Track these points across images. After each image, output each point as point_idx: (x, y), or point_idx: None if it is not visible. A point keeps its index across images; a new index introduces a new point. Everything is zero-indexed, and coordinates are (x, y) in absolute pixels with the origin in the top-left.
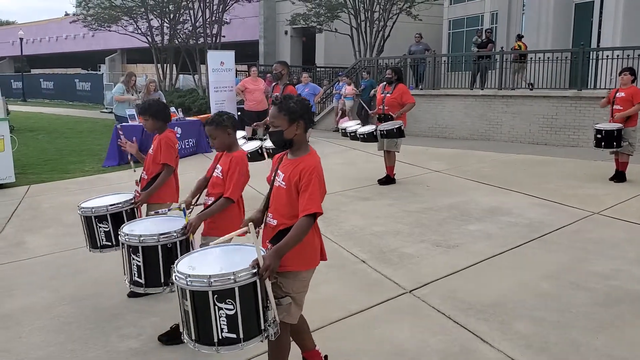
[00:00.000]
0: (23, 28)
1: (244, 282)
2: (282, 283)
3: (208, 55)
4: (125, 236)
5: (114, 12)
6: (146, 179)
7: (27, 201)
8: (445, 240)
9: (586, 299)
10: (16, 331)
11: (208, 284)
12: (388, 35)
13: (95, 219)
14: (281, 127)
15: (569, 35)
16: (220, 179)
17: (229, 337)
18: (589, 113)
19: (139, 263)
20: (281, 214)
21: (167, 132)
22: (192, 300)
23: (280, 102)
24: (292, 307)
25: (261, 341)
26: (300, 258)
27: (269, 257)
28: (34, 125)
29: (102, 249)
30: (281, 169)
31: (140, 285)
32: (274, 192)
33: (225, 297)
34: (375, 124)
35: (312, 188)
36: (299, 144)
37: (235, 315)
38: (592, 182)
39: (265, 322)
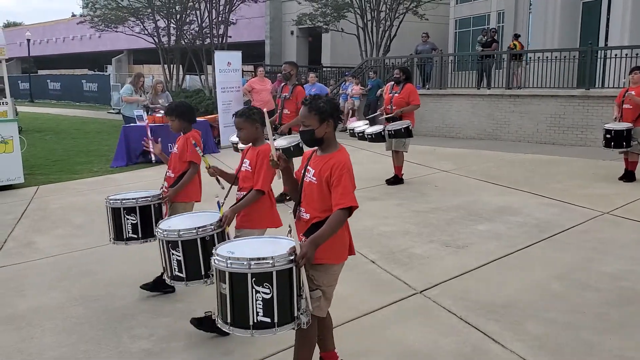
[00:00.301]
0: (30, 29)
1: (282, 268)
2: (314, 276)
3: (215, 56)
4: (164, 232)
5: (121, 13)
6: (172, 177)
7: (36, 202)
8: (454, 240)
9: (597, 299)
10: (28, 332)
11: (248, 266)
12: (394, 34)
13: (124, 210)
14: (312, 126)
15: (576, 34)
16: (249, 172)
17: (263, 321)
18: (597, 112)
19: (179, 257)
20: (313, 208)
21: (193, 132)
22: (230, 282)
23: (311, 102)
24: (321, 301)
25: (293, 329)
26: (331, 252)
27: (305, 246)
28: (42, 126)
29: (127, 241)
30: (311, 165)
31: (182, 280)
32: (305, 188)
33: (263, 280)
34: (384, 124)
35: (344, 182)
36: (329, 141)
37: (271, 299)
38: (601, 181)
39: (298, 310)
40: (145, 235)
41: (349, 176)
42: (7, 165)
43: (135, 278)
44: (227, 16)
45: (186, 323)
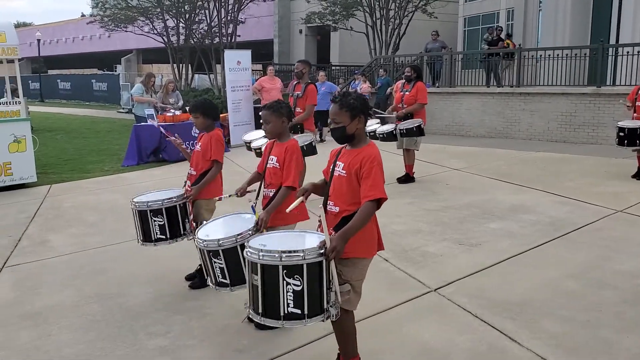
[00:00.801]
0: (40, 29)
1: (312, 260)
2: (342, 271)
3: (225, 55)
4: (203, 242)
5: (130, 13)
6: (195, 174)
7: (49, 200)
8: (467, 238)
9: (614, 297)
10: (45, 329)
11: (279, 258)
12: (404, 33)
13: (151, 212)
14: (343, 123)
15: (587, 32)
16: (277, 168)
17: (294, 313)
18: (608, 110)
19: (222, 265)
20: (343, 201)
21: (216, 130)
22: (262, 274)
23: (341, 100)
24: (351, 294)
25: (322, 320)
26: (360, 246)
27: (335, 240)
28: (53, 126)
29: (156, 242)
30: (340, 159)
31: (226, 286)
32: (334, 181)
33: (294, 272)
34: (395, 123)
35: (374, 175)
36: (359, 137)
37: (302, 291)
38: (613, 179)
39: (327, 303)
40: (174, 236)
41: (379, 169)
42: (21, 164)
43: (148, 276)
44: (235, 15)
45: (201, 321)
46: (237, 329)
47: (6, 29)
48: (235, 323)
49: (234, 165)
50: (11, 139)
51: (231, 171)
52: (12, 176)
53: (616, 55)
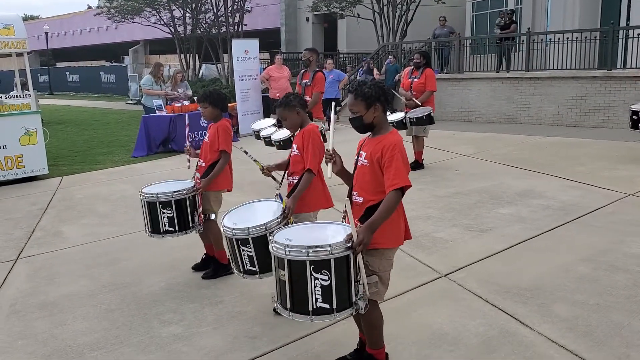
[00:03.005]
0: (48, 22)
1: (339, 255)
2: (369, 262)
3: (232, 44)
4: (232, 230)
5: (137, 4)
6: (204, 166)
7: (61, 192)
8: (478, 224)
9: (625, 280)
10: (61, 318)
11: (306, 254)
12: (411, 19)
13: (160, 204)
14: (360, 112)
15: (597, 14)
16: (298, 155)
17: (322, 307)
18: (619, 93)
19: (250, 253)
20: (366, 191)
21: (223, 121)
22: (289, 270)
23: (356, 89)
24: (379, 285)
25: (351, 314)
26: (386, 236)
27: (362, 232)
28: (62, 118)
29: (164, 234)
30: (363, 148)
31: (255, 273)
32: (357, 171)
33: (322, 267)
34: (405, 110)
35: (396, 163)
36: (380, 125)
37: (330, 286)
38: (625, 163)
39: (355, 296)
40: (182, 228)
41: (401, 156)
42: (32, 156)
43: (161, 265)
44: (242, 4)
45: (214, 308)
46: (249, 316)
47: (14, 22)
48: (248, 310)
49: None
50: (22, 131)
51: (239, 160)
52: (24, 169)
53: (627, 38)
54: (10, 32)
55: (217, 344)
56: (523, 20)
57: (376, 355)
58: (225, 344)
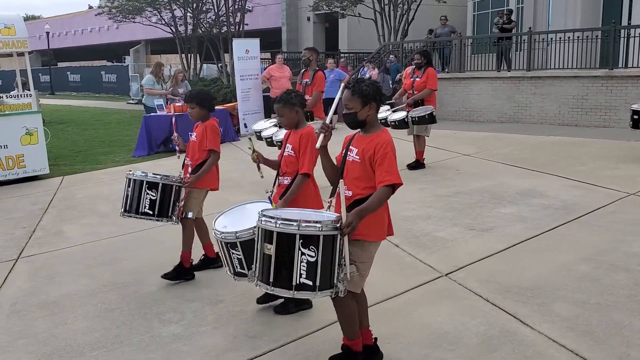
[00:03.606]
0: (49, 22)
1: (328, 233)
2: (350, 250)
3: (233, 44)
4: (221, 234)
5: (138, 3)
6: (191, 164)
7: (62, 192)
8: (478, 223)
9: (626, 280)
10: (62, 317)
11: (297, 227)
12: (412, 18)
13: (146, 184)
14: (355, 109)
15: (598, 13)
16: (293, 156)
17: (305, 284)
18: (620, 93)
19: (240, 256)
20: (356, 186)
21: (211, 120)
22: (278, 243)
23: (354, 86)
24: (355, 276)
25: (330, 295)
26: (369, 229)
27: (351, 216)
28: (64, 118)
29: (140, 215)
30: (354, 145)
31: (244, 275)
32: (347, 166)
33: (310, 243)
34: (406, 109)
35: (388, 161)
36: (372, 123)
37: (316, 262)
38: (626, 163)
39: (336, 279)
40: (161, 215)
41: (393, 155)
42: (33, 156)
43: (161, 265)
44: (243, 4)
45: (214, 308)
46: (249, 315)
47: (15, 22)
48: (248, 309)
49: (243, 154)
50: (23, 131)
51: (240, 159)
52: (25, 168)
53: (628, 37)
54: (11, 31)
55: (217, 343)
56: (524, 20)
57: (352, 347)
58: (226, 343)
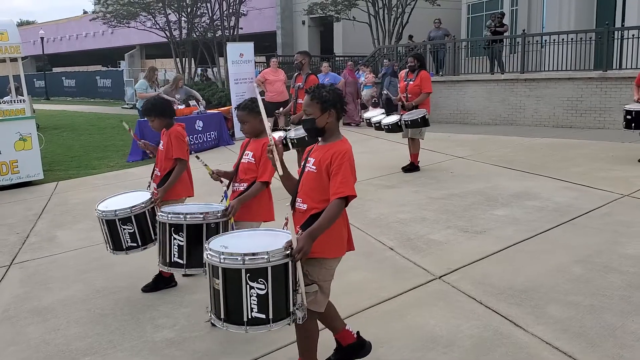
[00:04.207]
0: (43, 27)
1: (277, 263)
2: (309, 271)
3: (227, 48)
4: (169, 215)
5: (132, 8)
6: (160, 175)
7: (56, 197)
8: (472, 226)
9: (620, 281)
10: (54, 323)
11: (242, 262)
12: (407, 21)
13: (120, 221)
14: (313, 115)
15: (592, 15)
16: (253, 164)
17: (258, 317)
18: (615, 94)
19: (182, 242)
20: (311, 198)
21: (175, 127)
22: (224, 278)
23: (314, 91)
24: (318, 295)
25: (288, 324)
26: (326, 245)
27: (302, 240)
28: (58, 123)
29: (127, 251)
30: (312, 155)
31: (181, 266)
32: (303, 177)
33: (258, 276)
34: (400, 112)
35: (343, 172)
36: (331, 131)
37: (266, 295)
38: (620, 164)
39: (293, 306)
40: (145, 242)
41: (349, 165)
42: (27, 162)
43: (155, 270)
44: (237, 8)
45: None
46: None
47: (8, 28)
48: None
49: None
50: (17, 137)
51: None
52: (19, 174)
53: (622, 39)
54: (4, 37)
55: (210, 347)
56: (518, 22)
57: None
58: (219, 347)
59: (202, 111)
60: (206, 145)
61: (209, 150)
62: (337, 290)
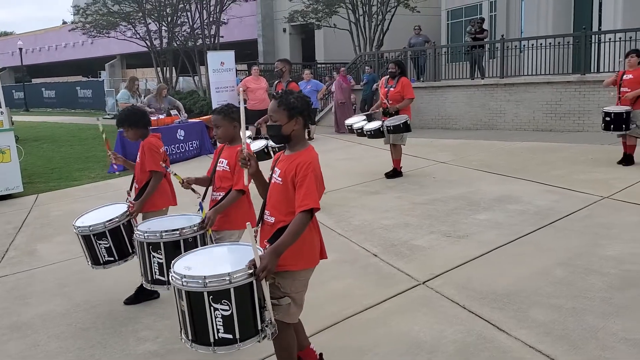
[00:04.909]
0: (22, 38)
1: (240, 283)
2: (280, 283)
3: (208, 56)
4: (144, 234)
5: (112, 18)
6: (137, 187)
7: (37, 210)
8: (455, 230)
9: (601, 283)
10: (33, 339)
11: (203, 284)
12: (387, 28)
13: (94, 236)
14: (280, 121)
15: (569, 20)
16: (227, 172)
17: (225, 338)
18: (593, 97)
19: (161, 260)
20: (278, 211)
21: (149, 138)
22: (188, 300)
23: (281, 97)
24: (291, 307)
25: (258, 342)
26: (298, 257)
27: (266, 257)
28: (38, 135)
29: (105, 265)
30: (278, 165)
31: (163, 283)
32: (270, 189)
33: (221, 297)
34: (381, 119)
35: (308, 183)
36: (297, 139)
37: (231, 315)
38: (600, 166)
39: (262, 323)
40: (122, 256)
41: (314, 176)
42: (6, 174)
43: (136, 282)
44: (218, 16)
45: None
46: None
47: None
48: None
49: None
50: None
51: None
52: None
53: (599, 43)
54: None
55: (194, 359)
56: (497, 28)
57: None
58: (203, 359)
59: (183, 120)
60: (188, 154)
61: (191, 159)
62: (322, 298)
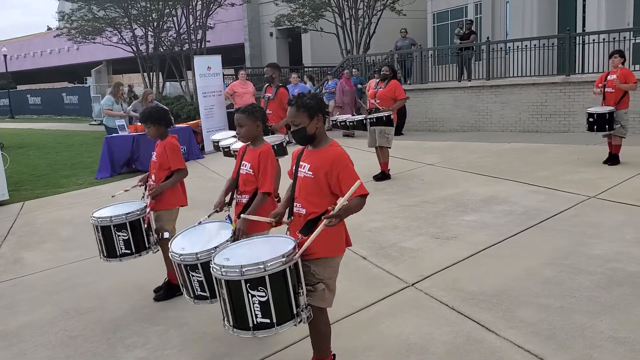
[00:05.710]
0: (6, 44)
1: (274, 270)
2: (315, 270)
3: (195, 61)
4: (180, 256)
5: (98, 24)
6: (154, 184)
7: (23, 217)
8: (443, 232)
9: (588, 282)
10: (20, 348)
11: (240, 273)
12: (374, 32)
13: (114, 227)
14: (302, 124)
15: (554, 22)
16: (251, 175)
17: (263, 322)
18: (578, 98)
19: (200, 278)
20: (310, 203)
21: (169, 138)
22: (228, 289)
23: (297, 101)
24: (325, 293)
25: (294, 325)
26: (329, 245)
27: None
28: (24, 142)
29: (121, 258)
30: (305, 160)
31: (206, 298)
32: (299, 183)
33: (257, 285)
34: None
35: (350, 172)
36: (321, 136)
37: (267, 301)
38: (586, 166)
39: (297, 307)
40: (138, 250)
41: (352, 165)
42: None
43: (125, 289)
44: (204, 21)
45: (179, 330)
46: (215, 336)
47: None
48: (213, 331)
49: (209, 172)
50: None
51: (206, 177)
52: None
53: (583, 44)
54: None
55: None
56: (483, 30)
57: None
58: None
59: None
60: None
61: None
62: None
